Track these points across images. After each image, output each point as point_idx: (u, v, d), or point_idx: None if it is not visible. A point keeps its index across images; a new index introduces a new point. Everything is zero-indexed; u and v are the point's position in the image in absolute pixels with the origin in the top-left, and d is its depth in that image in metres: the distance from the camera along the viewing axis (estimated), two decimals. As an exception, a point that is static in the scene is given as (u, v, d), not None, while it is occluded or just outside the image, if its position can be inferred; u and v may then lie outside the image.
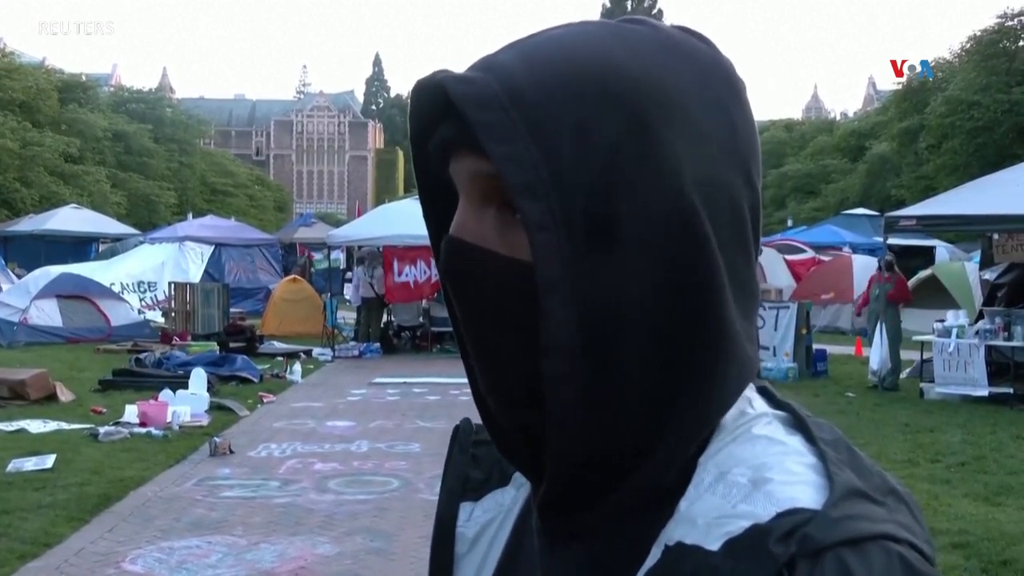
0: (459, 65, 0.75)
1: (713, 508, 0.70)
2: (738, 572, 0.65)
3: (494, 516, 0.89)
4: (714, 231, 0.72)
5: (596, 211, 0.70)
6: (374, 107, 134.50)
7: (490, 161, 0.71)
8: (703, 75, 0.74)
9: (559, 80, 0.71)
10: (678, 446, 0.73)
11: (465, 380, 0.83)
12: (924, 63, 27.86)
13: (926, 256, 24.64)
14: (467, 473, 0.92)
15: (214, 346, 17.31)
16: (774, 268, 22.26)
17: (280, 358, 17.33)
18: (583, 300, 0.70)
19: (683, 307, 0.71)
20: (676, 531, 0.70)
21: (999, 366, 13.26)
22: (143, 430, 10.47)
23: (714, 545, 0.67)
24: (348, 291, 23.60)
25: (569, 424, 0.71)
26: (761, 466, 0.71)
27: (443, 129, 0.76)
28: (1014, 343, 12.82)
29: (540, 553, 0.79)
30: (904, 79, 41.13)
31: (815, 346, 15.78)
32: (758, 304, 0.78)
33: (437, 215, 0.83)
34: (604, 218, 0.70)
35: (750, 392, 0.78)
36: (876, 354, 13.79)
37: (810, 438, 0.74)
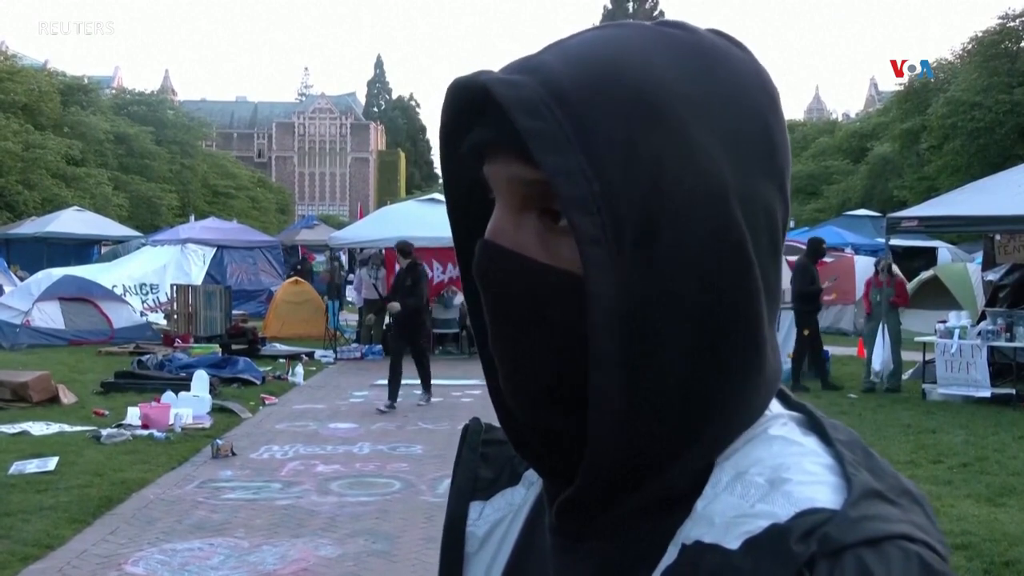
0: (462, 66, 0.75)
1: (731, 508, 0.70)
2: (759, 571, 0.65)
3: (504, 515, 0.89)
4: (753, 244, 0.72)
5: (643, 225, 0.69)
6: (376, 109, 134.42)
7: (531, 166, 0.71)
8: (743, 85, 0.74)
9: (604, 89, 0.70)
10: (702, 456, 0.74)
11: (467, 382, 0.84)
12: (924, 63, 27.81)
13: (928, 257, 24.62)
14: (477, 472, 0.93)
15: (216, 348, 17.32)
16: (776, 269, 22.22)
17: (282, 360, 17.34)
18: (630, 312, 0.70)
19: (723, 320, 0.71)
20: (693, 530, 0.71)
21: (1001, 367, 13.26)
22: (145, 432, 10.47)
23: (733, 544, 0.67)
24: (350, 293, 23.61)
25: (611, 433, 0.71)
26: (779, 466, 0.71)
27: (480, 130, 0.75)
28: (1016, 344, 12.82)
29: (554, 552, 0.79)
30: (904, 79, 41.15)
31: (817, 347, 15.73)
32: (779, 310, 0.78)
33: (463, 214, 0.83)
34: (651, 232, 0.70)
35: None
36: (878, 355, 13.77)
37: (826, 439, 0.74)
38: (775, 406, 0.78)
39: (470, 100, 0.75)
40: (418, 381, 15.09)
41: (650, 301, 0.70)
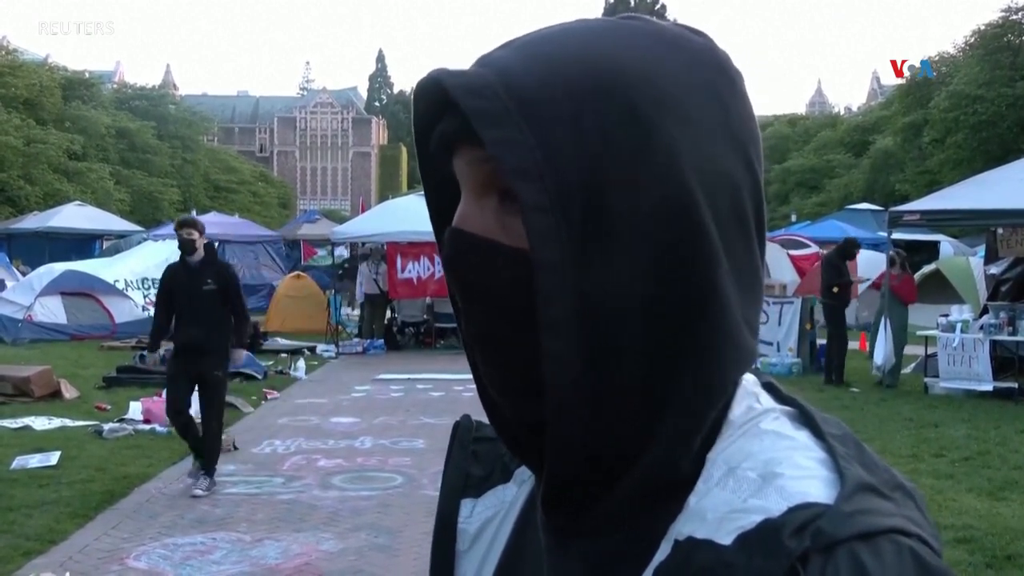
0: (462, 61, 0.76)
1: (723, 503, 0.69)
2: (752, 566, 0.65)
3: (495, 512, 0.89)
4: (712, 217, 0.72)
5: (591, 197, 0.70)
6: (377, 103, 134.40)
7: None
8: (695, 63, 0.74)
9: (553, 72, 0.72)
10: (677, 436, 0.73)
11: (469, 376, 0.83)
12: (924, 63, 27.98)
13: (930, 251, 24.64)
14: (467, 470, 0.92)
15: (218, 343, 17.30)
16: (778, 263, 22.20)
17: (284, 355, 17.37)
18: (581, 284, 0.70)
19: (680, 292, 0.71)
20: (686, 526, 0.70)
21: (1003, 361, 13.24)
22: (147, 427, 10.49)
23: (726, 540, 0.67)
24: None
25: (568, 407, 0.71)
26: (770, 461, 0.71)
27: (443, 124, 0.76)
28: (1018, 338, 12.80)
29: (546, 550, 0.79)
30: (905, 78, 41.21)
31: (819, 341, 15.77)
32: (762, 294, 0.78)
33: (442, 213, 0.83)
34: (600, 204, 0.70)
35: (756, 388, 0.78)
36: (880, 350, 13.77)
37: (818, 433, 0.74)
38: (766, 400, 0.78)
39: (434, 99, 0.76)
40: (420, 376, 15.01)
41: (602, 273, 0.70)
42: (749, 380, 0.78)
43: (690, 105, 0.72)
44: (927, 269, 20.99)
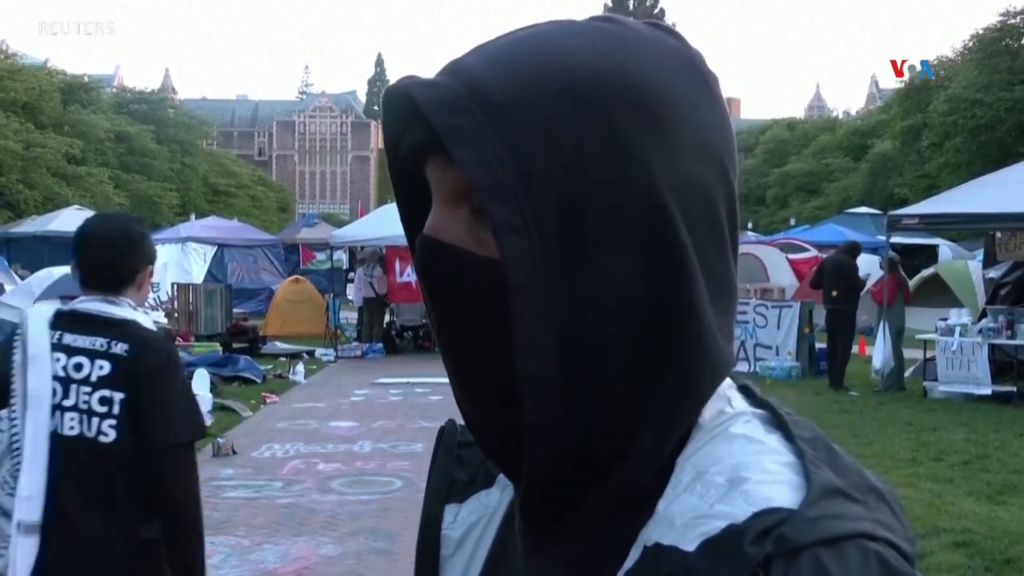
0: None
1: (691, 508, 0.69)
2: (714, 573, 0.65)
3: (479, 517, 0.89)
4: (687, 229, 0.71)
5: (566, 212, 0.69)
6: (376, 107, 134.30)
7: None
8: (672, 69, 0.73)
9: (524, 80, 0.71)
10: (654, 445, 0.73)
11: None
12: (924, 63, 28.01)
13: (929, 255, 24.63)
14: (452, 475, 0.92)
15: (217, 347, 17.30)
16: (777, 267, 22.22)
17: (283, 359, 17.35)
18: (555, 301, 0.69)
19: (657, 306, 0.71)
20: (654, 532, 0.70)
21: (1002, 364, 13.23)
22: (146, 431, 10.46)
23: (690, 546, 0.67)
24: (349, 291, 23.64)
25: (545, 425, 0.71)
26: (738, 465, 0.70)
27: (413, 133, 0.76)
28: (1017, 341, 12.80)
29: (522, 555, 0.79)
30: (905, 79, 41.28)
31: (818, 345, 15.76)
32: (735, 300, 0.77)
33: (414, 218, 0.83)
34: (574, 219, 0.69)
35: (729, 391, 0.77)
36: (879, 353, 13.76)
37: (788, 436, 0.73)
38: (739, 403, 0.77)
39: (403, 106, 0.75)
40: (419, 380, 15.01)
41: (578, 288, 0.69)
42: (724, 383, 0.77)
43: (666, 114, 0.72)
44: (926, 273, 20.99)
